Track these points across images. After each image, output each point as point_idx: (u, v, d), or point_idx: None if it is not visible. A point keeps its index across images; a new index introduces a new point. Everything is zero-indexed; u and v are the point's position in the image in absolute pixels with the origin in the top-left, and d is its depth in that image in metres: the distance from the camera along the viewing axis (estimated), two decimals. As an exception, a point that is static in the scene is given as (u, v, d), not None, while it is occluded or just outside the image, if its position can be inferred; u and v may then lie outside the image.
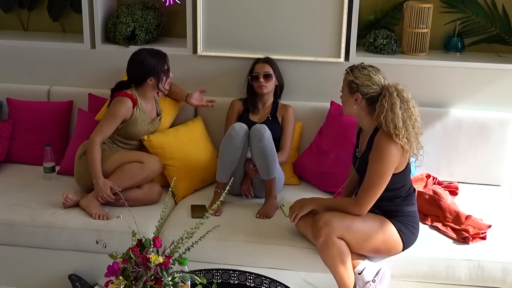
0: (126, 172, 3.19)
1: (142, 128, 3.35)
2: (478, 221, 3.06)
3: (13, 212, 3.16)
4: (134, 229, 2.39)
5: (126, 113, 3.26)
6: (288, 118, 3.52)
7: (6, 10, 4.06)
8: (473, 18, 3.68)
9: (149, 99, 3.38)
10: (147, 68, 3.26)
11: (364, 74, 2.77)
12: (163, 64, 3.30)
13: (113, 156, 3.26)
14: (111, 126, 3.25)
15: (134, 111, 3.28)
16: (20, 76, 3.87)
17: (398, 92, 2.72)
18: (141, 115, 3.32)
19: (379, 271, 2.84)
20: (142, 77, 3.29)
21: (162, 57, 3.31)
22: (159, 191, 3.31)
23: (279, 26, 3.60)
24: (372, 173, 2.74)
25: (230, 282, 2.64)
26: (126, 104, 3.25)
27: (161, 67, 3.28)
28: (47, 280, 3.14)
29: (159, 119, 3.46)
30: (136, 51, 3.33)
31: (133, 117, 3.28)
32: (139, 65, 3.28)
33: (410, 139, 2.71)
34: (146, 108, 3.37)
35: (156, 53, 3.32)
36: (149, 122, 3.38)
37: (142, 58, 3.28)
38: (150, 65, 3.26)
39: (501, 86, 3.54)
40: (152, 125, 3.41)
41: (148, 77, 3.28)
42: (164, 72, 3.30)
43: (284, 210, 3.23)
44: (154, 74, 3.28)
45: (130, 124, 3.30)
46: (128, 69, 3.34)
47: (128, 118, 3.28)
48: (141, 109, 3.32)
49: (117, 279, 2.18)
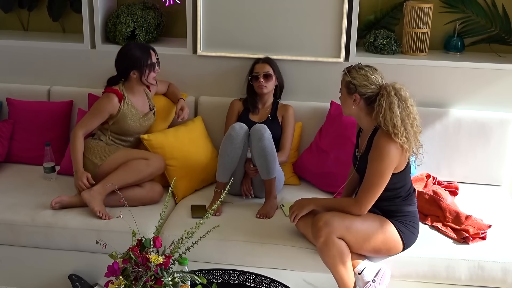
0: (132, 168, 3.20)
1: (133, 123, 3.34)
2: (478, 221, 3.06)
3: (13, 212, 3.16)
4: (134, 229, 2.39)
5: (111, 109, 3.27)
6: (288, 118, 3.52)
7: (6, 10, 4.06)
8: (473, 18, 3.68)
9: (138, 94, 3.38)
10: (130, 60, 3.26)
11: (361, 74, 2.77)
12: (147, 58, 3.27)
13: (115, 153, 3.27)
14: (93, 120, 3.27)
15: (122, 106, 3.29)
16: (20, 76, 3.87)
17: (396, 91, 2.72)
18: (130, 110, 3.32)
19: (379, 271, 2.84)
20: (126, 70, 3.29)
21: (147, 50, 3.29)
22: (160, 191, 3.32)
23: (279, 26, 3.60)
24: (372, 172, 2.75)
25: (230, 282, 2.65)
26: (111, 100, 3.26)
27: (144, 60, 3.26)
28: (47, 280, 3.14)
29: (153, 113, 3.45)
30: (124, 45, 3.37)
31: (121, 112, 3.29)
32: (123, 57, 3.29)
33: (409, 138, 2.71)
34: (136, 103, 3.36)
35: (142, 46, 3.31)
36: (141, 116, 3.37)
37: (127, 50, 3.29)
38: (133, 57, 3.25)
39: (501, 86, 3.54)
40: (145, 119, 3.40)
41: (131, 70, 3.27)
42: (147, 66, 3.28)
43: (284, 210, 3.23)
44: (137, 67, 3.26)
45: (120, 119, 3.31)
46: (115, 62, 3.35)
47: (116, 114, 3.29)
48: (129, 103, 3.32)
49: (117, 279, 2.18)
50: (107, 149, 3.30)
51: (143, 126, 3.41)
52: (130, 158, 3.24)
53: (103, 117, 3.29)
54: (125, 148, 3.37)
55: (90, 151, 3.30)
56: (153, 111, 3.46)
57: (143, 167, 3.22)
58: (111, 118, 3.31)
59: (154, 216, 2.98)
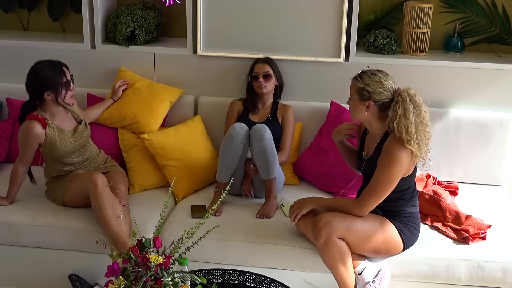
0: (105, 204, 2.96)
1: (66, 146, 3.16)
2: (478, 221, 3.06)
3: (13, 212, 3.16)
4: (134, 229, 2.39)
5: (38, 139, 3.11)
6: (288, 118, 3.51)
7: (6, 10, 4.06)
8: (473, 18, 3.68)
9: (58, 114, 3.18)
10: (42, 81, 3.05)
11: (375, 81, 2.74)
12: (61, 76, 3.07)
13: (67, 185, 3.16)
14: (27, 154, 3.15)
15: (47, 132, 3.11)
16: (20, 76, 3.84)
17: (410, 97, 2.70)
18: (57, 134, 3.14)
19: (379, 271, 2.84)
20: (39, 92, 3.07)
21: (59, 69, 3.09)
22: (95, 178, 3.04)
23: (279, 26, 3.60)
24: (380, 178, 2.73)
25: (230, 282, 2.65)
26: (33, 129, 3.08)
27: (58, 79, 3.06)
28: (47, 280, 3.14)
29: (83, 125, 3.28)
30: (33, 65, 3.12)
31: (47, 139, 3.12)
32: (35, 79, 3.07)
33: (420, 144, 2.70)
34: (61, 124, 3.18)
35: (53, 64, 3.10)
36: (71, 135, 3.20)
37: (38, 70, 3.07)
38: (46, 78, 3.04)
39: (501, 86, 3.54)
40: (77, 135, 3.22)
41: (44, 92, 3.06)
42: (62, 85, 3.08)
43: (284, 210, 3.23)
44: (51, 87, 3.06)
45: (49, 147, 3.14)
46: (26, 85, 3.12)
47: (44, 142, 3.12)
48: (53, 127, 3.14)
49: (117, 279, 2.18)
50: (59, 185, 3.21)
51: (79, 142, 3.22)
52: (79, 194, 3.10)
53: (34, 148, 3.14)
54: (70, 175, 3.22)
55: (51, 193, 3.27)
56: (82, 123, 3.27)
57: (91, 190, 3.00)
58: (41, 147, 3.15)
59: (154, 216, 2.98)
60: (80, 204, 3.15)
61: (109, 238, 2.90)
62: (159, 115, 3.57)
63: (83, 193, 3.04)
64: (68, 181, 3.18)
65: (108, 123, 3.58)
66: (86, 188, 3.01)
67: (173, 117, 3.67)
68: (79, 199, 3.13)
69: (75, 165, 3.25)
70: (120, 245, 2.81)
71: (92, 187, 2.97)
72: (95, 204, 2.97)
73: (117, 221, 2.88)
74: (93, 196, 2.97)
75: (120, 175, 3.31)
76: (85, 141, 3.27)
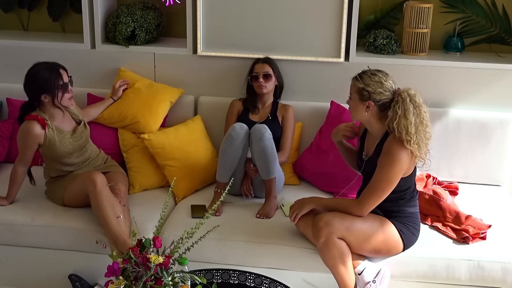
0: (105, 203, 2.96)
1: (65, 146, 3.16)
2: (478, 221, 3.06)
3: (13, 212, 3.16)
4: (134, 229, 2.39)
5: (37, 139, 3.11)
6: (288, 118, 3.51)
7: (6, 10, 4.06)
8: (473, 18, 3.68)
9: (57, 115, 3.18)
10: (40, 83, 3.05)
11: (375, 81, 2.74)
12: (57, 79, 3.07)
13: (67, 185, 3.16)
14: (26, 154, 3.16)
15: (47, 133, 3.11)
16: (20, 76, 3.84)
17: (410, 98, 2.70)
18: (56, 135, 3.14)
19: (379, 271, 2.84)
20: (36, 95, 3.09)
21: (56, 71, 3.08)
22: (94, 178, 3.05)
23: (279, 26, 3.60)
24: (380, 178, 2.73)
25: (230, 282, 2.65)
26: (32, 130, 3.09)
27: (55, 82, 3.06)
28: (47, 280, 3.14)
29: (82, 125, 3.28)
30: (31, 67, 3.13)
31: (47, 140, 3.12)
32: (32, 81, 3.07)
33: (420, 144, 2.70)
34: (60, 125, 3.18)
35: (50, 66, 3.10)
36: (70, 135, 3.20)
37: (35, 72, 3.08)
38: (43, 80, 3.05)
39: (501, 86, 3.54)
40: (76, 136, 3.22)
41: (41, 94, 3.07)
42: (59, 87, 3.07)
43: (284, 210, 3.23)
44: (48, 90, 3.06)
45: (49, 147, 3.14)
46: (24, 86, 3.13)
47: (43, 142, 3.13)
48: (53, 128, 3.14)
49: (117, 279, 2.18)
50: (59, 185, 3.21)
51: (78, 143, 3.22)
52: (78, 194, 3.10)
53: (33, 148, 3.14)
54: (70, 175, 3.22)
55: (51, 193, 3.27)
56: (81, 123, 3.27)
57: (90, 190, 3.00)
58: (40, 147, 3.16)
59: (154, 216, 2.98)
60: (80, 204, 3.15)
61: (109, 238, 2.90)
62: (159, 115, 3.57)
63: (83, 193, 3.04)
64: (68, 181, 3.18)
65: (108, 123, 3.58)
66: (86, 188, 3.01)
67: (173, 117, 3.67)
68: (79, 199, 3.13)
69: (74, 165, 3.25)
70: (120, 244, 2.81)
71: (91, 187, 2.97)
72: (94, 203, 2.97)
73: (117, 220, 2.88)
74: (93, 196, 2.97)
75: (120, 175, 3.31)
76: (84, 142, 3.27)
